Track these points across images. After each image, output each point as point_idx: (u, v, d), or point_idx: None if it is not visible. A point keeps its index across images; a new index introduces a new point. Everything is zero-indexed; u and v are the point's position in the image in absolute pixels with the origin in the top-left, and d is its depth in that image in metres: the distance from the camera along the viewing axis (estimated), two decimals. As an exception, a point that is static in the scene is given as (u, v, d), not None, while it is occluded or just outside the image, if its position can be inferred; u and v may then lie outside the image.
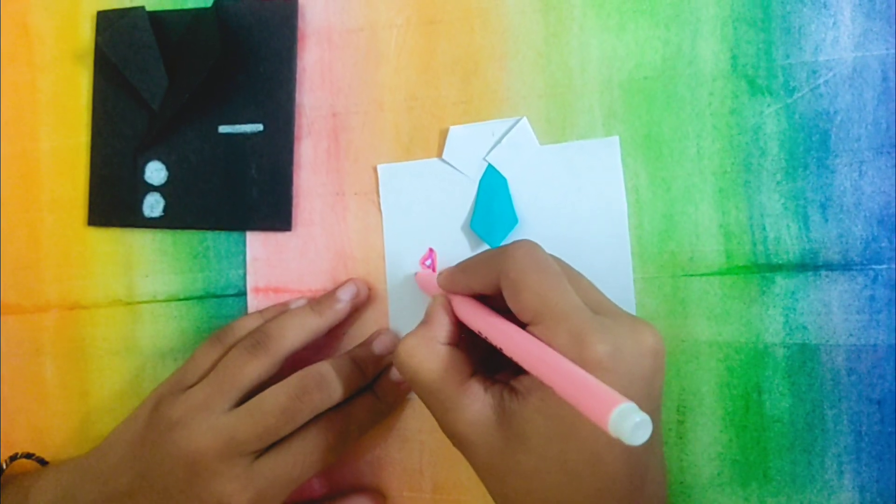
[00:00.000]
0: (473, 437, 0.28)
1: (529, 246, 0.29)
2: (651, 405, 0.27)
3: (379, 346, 0.37)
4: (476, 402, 0.28)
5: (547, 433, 0.27)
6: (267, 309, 0.38)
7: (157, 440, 0.34)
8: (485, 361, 0.31)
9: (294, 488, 0.34)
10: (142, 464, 0.34)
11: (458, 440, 0.29)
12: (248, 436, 0.33)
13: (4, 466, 0.39)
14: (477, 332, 0.30)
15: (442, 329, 0.31)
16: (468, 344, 0.31)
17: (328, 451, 0.34)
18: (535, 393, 0.27)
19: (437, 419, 0.30)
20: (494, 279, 0.29)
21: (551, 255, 0.30)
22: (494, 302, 0.30)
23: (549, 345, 0.26)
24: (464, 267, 0.32)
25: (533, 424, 0.27)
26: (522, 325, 0.28)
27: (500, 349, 0.28)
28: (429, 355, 0.29)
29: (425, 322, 0.31)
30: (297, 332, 0.35)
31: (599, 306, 0.28)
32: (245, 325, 0.37)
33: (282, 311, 0.37)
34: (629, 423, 0.20)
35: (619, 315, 0.28)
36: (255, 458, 0.33)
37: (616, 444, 0.26)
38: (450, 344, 0.30)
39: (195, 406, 0.34)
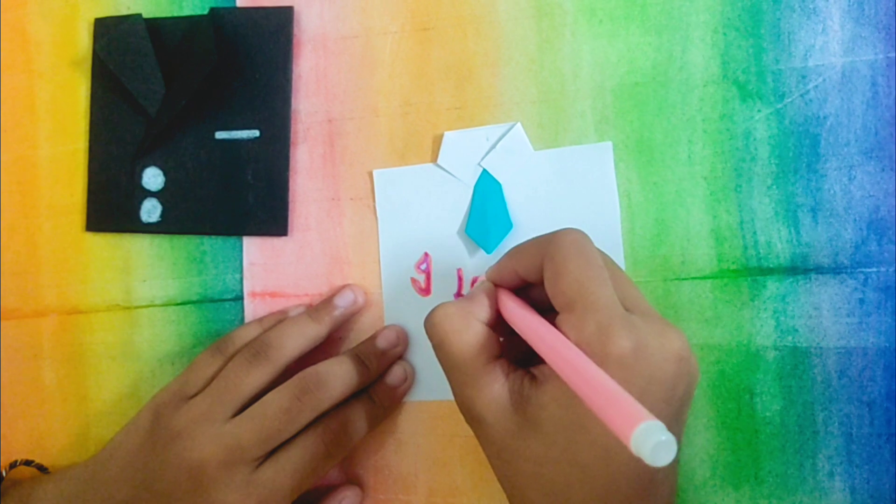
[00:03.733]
0: (489, 417, 0.29)
1: (577, 234, 0.29)
2: (670, 410, 0.27)
3: (383, 341, 0.37)
4: (496, 383, 0.29)
5: (560, 422, 0.27)
6: (265, 317, 0.38)
7: (159, 451, 0.34)
8: (513, 351, 0.31)
9: (295, 497, 0.34)
10: (144, 474, 0.34)
11: (472, 417, 0.29)
12: (251, 441, 0.33)
13: (4, 474, 0.39)
14: (509, 322, 0.30)
15: (482, 309, 0.31)
16: (501, 331, 0.31)
17: (327, 457, 0.34)
18: (553, 381, 0.27)
19: (454, 392, 0.30)
20: (539, 264, 0.29)
21: (597, 249, 0.30)
22: (538, 292, 0.30)
23: (577, 334, 0.26)
24: (512, 252, 0.32)
25: (547, 412, 0.27)
26: (555, 314, 0.28)
27: (529, 343, 0.28)
28: (462, 326, 0.30)
29: (467, 299, 0.31)
30: (296, 341, 0.36)
31: (634, 304, 0.28)
32: (244, 335, 0.37)
33: (280, 319, 0.38)
34: (651, 442, 0.19)
35: (651, 316, 0.28)
36: (256, 467, 0.33)
37: (626, 448, 0.26)
38: (486, 324, 0.30)
39: (197, 416, 0.34)
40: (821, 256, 0.35)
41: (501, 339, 0.31)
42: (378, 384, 0.37)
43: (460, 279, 0.38)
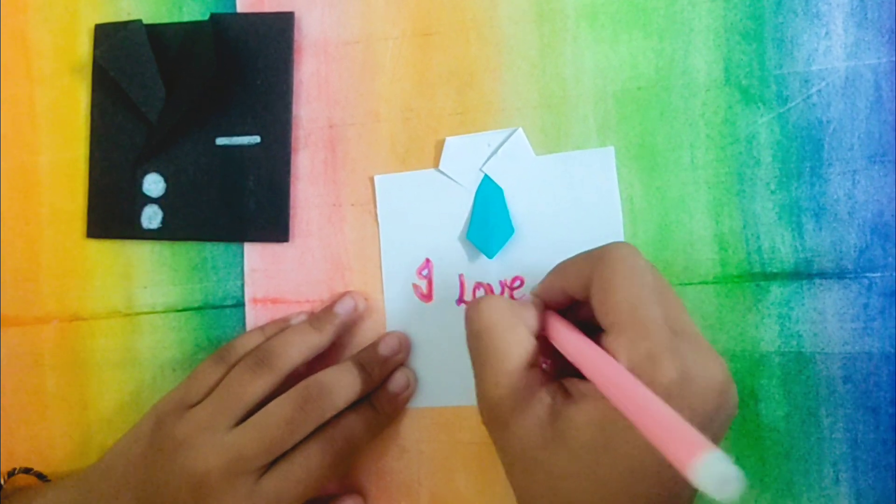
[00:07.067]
0: (515, 423, 0.28)
1: (627, 250, 0.28)
2: None
3: (385, 348, 0.37)
4: (530, 391, 0.28)
5: (588, 441, 0.26)
6: (267, 325, 0.38)
7: (161, 460, 0.34)
8: (555, 373, 0.30)
9: None
10: (146, 484, 0.34)
11: (495, 419, 0.29)
12: (254, 451, 0.33)
13: (3, 482, 0.39)
14: (555, 342, 0.29)
15: (530, 317, 0.30)
16: (543, 350, 0.30)
17: (330, 466, 0.34)
18: (590, 401, 0.27)
19: (479, 389, 0.29)
20: (586, 280, 0.28)
21: (647, 263, 0.29)
22: (585, 311, 0.29)
23: (626, 358, 0.26)
24: (558, 268, 0.31)
25: (577, 430, 0.27)
26: (598, 329, 0.28)
27: (577, 365, 0.27)
28: (510, 324, 0.29)
29: (516, 303, 0.30)
30: (298, 349, 0.36)
31: (681, 327, 0.27)
32: (246, 343, 0.37)
33: (282, 327, 0.38)
34: (716, 474, 0.18)
35: (697, 343, 0.27)
36: (259, 477, 0.33)
37: (652, 468, 0.25)
38: (531, 333, 0.30)
39: (200, 426, 0.34)
40: (824, 261, 0.35)
41: (547, 360, 0.30)
42: (380, 391, 0.37)
43: (462, 285, 0.38)
